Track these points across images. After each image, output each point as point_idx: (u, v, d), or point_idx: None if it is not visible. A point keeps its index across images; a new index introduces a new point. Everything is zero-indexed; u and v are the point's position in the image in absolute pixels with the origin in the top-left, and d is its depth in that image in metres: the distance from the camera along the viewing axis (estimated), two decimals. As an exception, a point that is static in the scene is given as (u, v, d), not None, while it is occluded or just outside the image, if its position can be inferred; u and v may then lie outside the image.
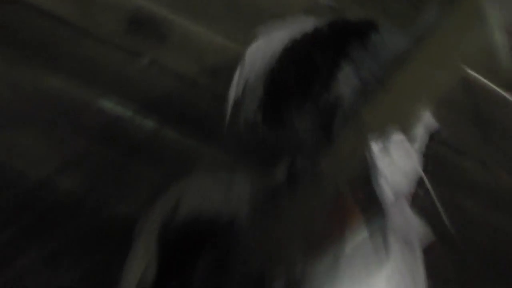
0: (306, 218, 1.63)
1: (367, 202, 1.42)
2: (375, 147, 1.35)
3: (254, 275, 1.81)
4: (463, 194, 1.46)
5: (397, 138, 1.36)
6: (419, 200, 1.38)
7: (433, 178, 1.38)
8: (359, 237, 1.36)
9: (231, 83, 1.52)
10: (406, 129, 1.38)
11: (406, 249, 1.35)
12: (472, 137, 1.59)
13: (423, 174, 1.38)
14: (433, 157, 1.37)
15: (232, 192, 1.87)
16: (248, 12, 1.54)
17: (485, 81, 1.51)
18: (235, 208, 1.88)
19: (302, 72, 1.49)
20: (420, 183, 1.38)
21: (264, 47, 1.48)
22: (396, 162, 1.35)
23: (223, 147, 1.85)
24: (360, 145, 1.46)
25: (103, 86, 1.87)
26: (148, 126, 1.91)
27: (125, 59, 1.75)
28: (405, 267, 1.34)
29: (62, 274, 2.47)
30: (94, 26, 1.72)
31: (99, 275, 2.32)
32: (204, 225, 1.92)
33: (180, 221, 1.91)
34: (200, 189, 1.88)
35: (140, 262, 1.86)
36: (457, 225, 1.41)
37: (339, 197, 1.54)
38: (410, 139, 1.37)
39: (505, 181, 1.73)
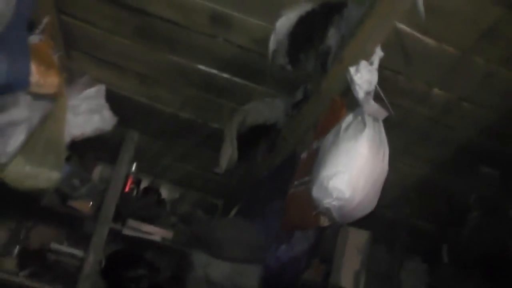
0: (316, 115, 1.67)
1: (349, 101, 1.43)
2: (352, 69, 1.34)
3: (289, 152, 1.87)
4: (391, 94, 1.41)
5: (363, 63, 1.35)
6: (376, 97, 1.36)
7: (380, 86, 1.37)
8: (348, 119, 1.35)
9: (269, 45, 1.53)
10: (367, 57, 1.36)
11: (375, 123, 1.33)
12: (401, 63, 1.56)
13: (376, 84, 1.36)
14: (380, 74, 1.36)
15: (274, 108, 1.91)
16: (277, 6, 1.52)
17: (410, 28, 1.47)
18: (276, 116, 1.93)
19: (308, 33, 1.50)
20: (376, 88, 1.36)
21: (286, 21, 1.49)
22: (364, 77, 1.34)
23: (268, 83, 1.86)
24: (342, 71, 1.46)
25: (198, 56, 1.84)
26: (225, 77, 1.89)
27: (209, 40, 1.73)
28: (376, 133, 1.32)
29: (192, 163, 2.52)
30: (189, 22, 1.68)
31: (207, 158, 2.35)
32: (260, 127, 1.96)
33: (247, 125, 1.96)
34: (257, 108, 1.93)
35: (228, 149, 1.93)
36: (395, 111, 1.38)
37: (333, 101, 1.56)
38: (371, 63, 1.35)
39: (420, 85, 1.70)
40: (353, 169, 1.23)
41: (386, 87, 1.40)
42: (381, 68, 1.39)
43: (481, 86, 1.65)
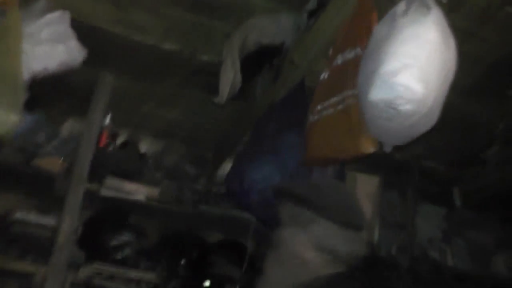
0: (333, 28, 1.36)
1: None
2: None
3: (297, 80, 1.56)
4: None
5: None
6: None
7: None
8: (401, 7, 1.04)
9: None
10: None
11: (438, 6, 1.02)
12: None
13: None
14: None
15: (281, 24, 1.58)
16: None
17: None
18: (284, 35, 1.60)
19: None
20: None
21: None
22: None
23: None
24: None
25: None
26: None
27: None
28: (442, 17, 1.01)
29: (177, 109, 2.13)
30: None
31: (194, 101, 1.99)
32: (264, 47, 1.63)
33: (250, 45, 1.62)
34: (261, 25, 1.58)
35: (229, 73, 1.59)
36: None
37: (360, 4, 1.25)
38: None
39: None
40: (422, 60, 0.95)
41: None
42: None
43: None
